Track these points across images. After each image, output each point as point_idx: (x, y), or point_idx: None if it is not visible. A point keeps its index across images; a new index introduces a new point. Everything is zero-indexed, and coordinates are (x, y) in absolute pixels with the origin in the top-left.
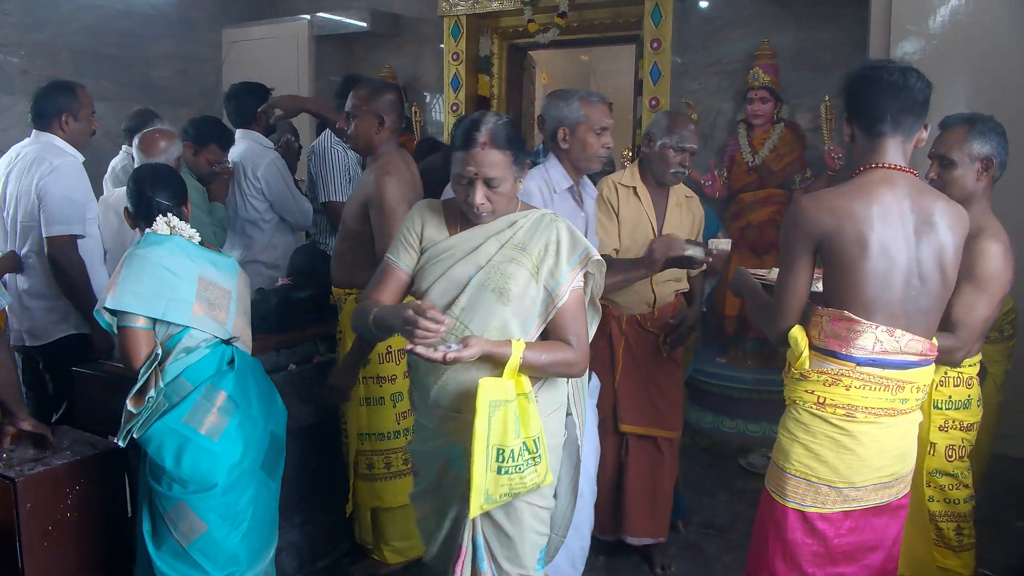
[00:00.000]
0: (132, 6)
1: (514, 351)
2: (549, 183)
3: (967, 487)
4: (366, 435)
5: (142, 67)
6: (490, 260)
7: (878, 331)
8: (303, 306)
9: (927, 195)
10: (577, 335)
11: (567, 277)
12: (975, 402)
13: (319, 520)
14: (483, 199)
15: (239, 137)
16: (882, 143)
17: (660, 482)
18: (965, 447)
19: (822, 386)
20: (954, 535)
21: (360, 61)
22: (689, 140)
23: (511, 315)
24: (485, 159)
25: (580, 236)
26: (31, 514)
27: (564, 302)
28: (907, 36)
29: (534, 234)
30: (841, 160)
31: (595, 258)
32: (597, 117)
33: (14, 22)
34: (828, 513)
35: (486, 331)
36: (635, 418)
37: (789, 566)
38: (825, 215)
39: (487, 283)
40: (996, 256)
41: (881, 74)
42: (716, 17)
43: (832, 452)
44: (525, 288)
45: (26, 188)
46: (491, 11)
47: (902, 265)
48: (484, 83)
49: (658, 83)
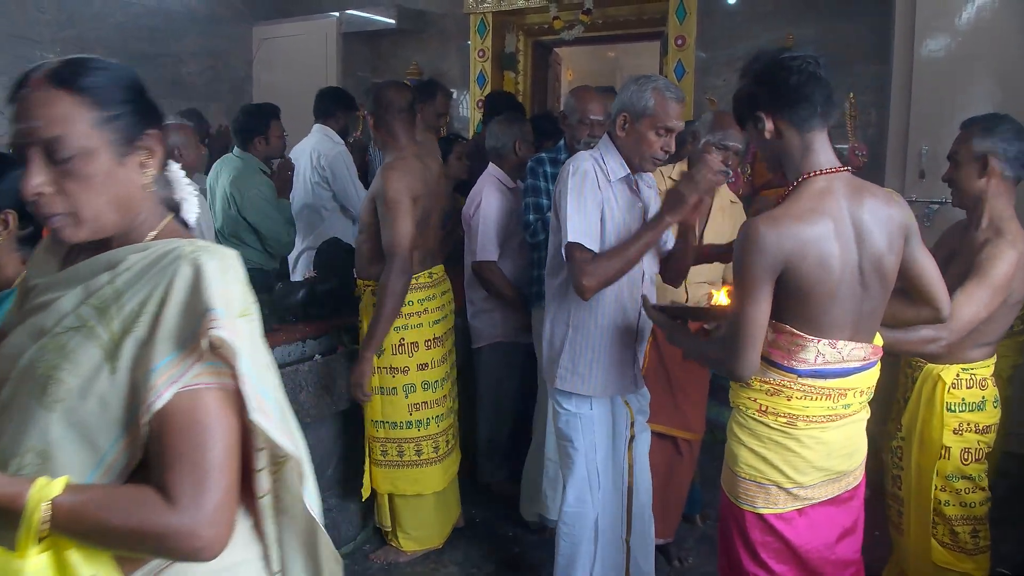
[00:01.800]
0: (163, 3)
1: (31, 499)
2: (604, 169)
3: (983, 490)
4: (380, 423)
5: (172, 64)
6: (58, 324)
7: (820, 345)
8: (326, 298)
9: (858, 194)
10: (192, 476)
11: (165, 367)
12: (990, 403)
13: (342, 507)
14: (39, 183)
15: (314, 130)
16: (815, 138)
17: (675, 483)
18: (982, 449)
19: (764, 395)
20: (970, 538)
21: (387, 58)
22: (733, 139)
23: (61, 429)
24: (35, 105)
25: (215, 293)
26: None
27: (163, 409)
28: (932, 32)
29: (138, 282)
30: (865, 157)
31: (233, 345)
32: (666, 114)
33: (48, 19)
34: (782, 513)
35: (17, 454)
36: (656, 416)
37: (756, 564)
38: (787, 240)
39: (35, 367)
40: (1009, 262)
41: (801, 64)
42: (739, 13)
43: (777, 454)
44: (89, 381)
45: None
46: (517, 8)
47: (848, 277)
48: (509, 79)
49: (682, 79)
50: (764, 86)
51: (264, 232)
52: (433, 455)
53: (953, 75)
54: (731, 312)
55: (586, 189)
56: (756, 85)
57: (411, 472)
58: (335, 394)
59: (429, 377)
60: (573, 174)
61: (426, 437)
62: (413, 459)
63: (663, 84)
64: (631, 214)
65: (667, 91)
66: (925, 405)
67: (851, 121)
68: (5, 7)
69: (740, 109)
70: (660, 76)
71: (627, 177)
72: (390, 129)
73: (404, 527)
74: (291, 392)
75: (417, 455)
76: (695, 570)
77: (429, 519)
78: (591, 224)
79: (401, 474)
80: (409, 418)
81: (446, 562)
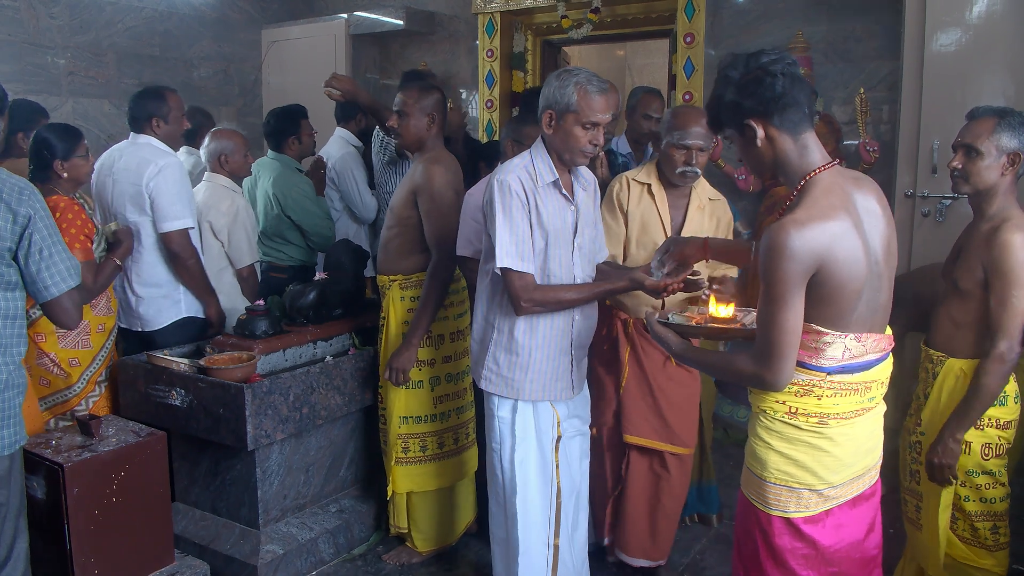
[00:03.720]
0: (173, 8)
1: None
2: (532, 175)
3: (1003, 485)
4: (405, 418)
5: (183, 67)
6: None
7: (847, 340)
8: (338, 300)
9: (858, 186)
10: None
11: None
12: (1012, 399)
13: (355, 508)
14: None
15: (335, 133)
16: (807, 140)
17: (663, 502)
18: (1003, 444)
19: (793, 396)
20: (990, 534)
21: (396, 59)
22: (693, 136)
23: None
24: None
25: None
26: (78, 499)
27: None
28: (943, 27)
29: None
30: (876, 153)
31: None
32: (590, 108)
33: (60, 25)
34: (812, 516)
35: None
36: (640, 429)
37: (781, 571)
38: (817, 242)
39: None
40: (1021, 247)
41: (783, 68)
42: (749, 10)
43: (809, 456)
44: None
45: (134, 187)
46: (525, 7)
47: (866, 269)
48: (518, 79)
49: (691, 78)
50: (750, 94)
51: (308, 228)
52: (453, 446)
53: (964, 70)
54: (760, 321)
55: (512, 206)
56: (741, 94)
57: (432, 466)
58: (347, 395)
59: (453, 369)
60: (498, 190)
61: (448, 429)
62: (435, 452)
63: (584, 77)
64: (561, 218)
65: (589, 84)
66: (947, 400)
67: (862, 117)
68: (17, 13)
69: (721, 116)
70: (582, 69)
71: (556, 182)
72: (429, 130)
73: (420, 526)
74: (303, 393)
75: (439, 448)
76: (711, 570)
77: (445, 516)
78: (522, 243)
79: (423, 470)
80: (434, 411)
81: (460, 563)
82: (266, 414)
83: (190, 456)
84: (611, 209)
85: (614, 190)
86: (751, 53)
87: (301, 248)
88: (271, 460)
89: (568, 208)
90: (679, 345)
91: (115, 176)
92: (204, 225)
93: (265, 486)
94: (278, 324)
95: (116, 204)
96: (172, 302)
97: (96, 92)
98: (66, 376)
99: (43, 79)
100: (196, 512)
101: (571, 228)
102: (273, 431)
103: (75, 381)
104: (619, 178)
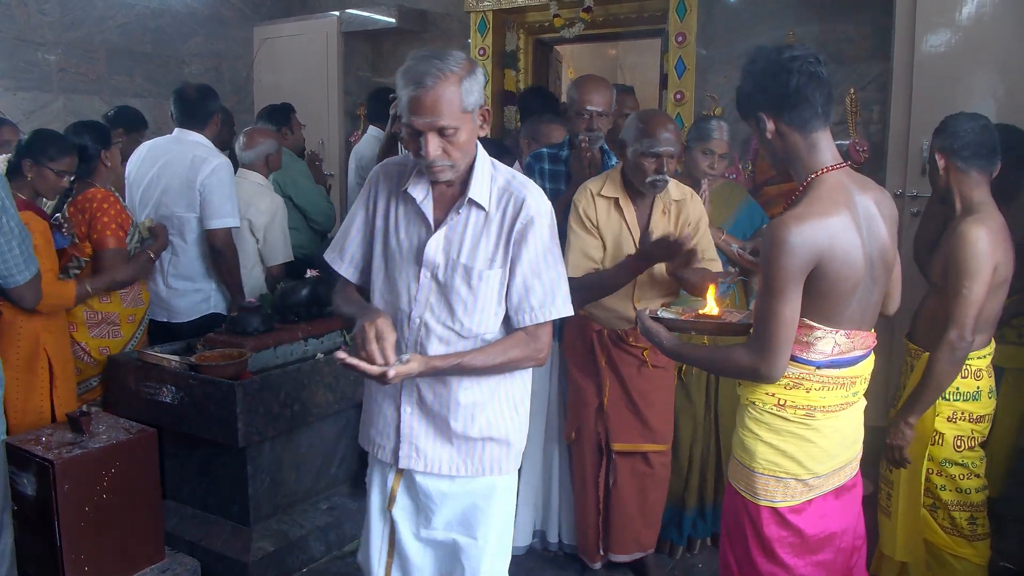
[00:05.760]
0: (165, 5)
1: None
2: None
3: (979, 477)
4: None
5: (175, 64)
6: None
7: (837, 336)
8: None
9: (862, 188)
10: None
11: None
12: (985, 394)
13: (345, 505)
14: None
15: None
16: (818, 139)
17: (649, 496)
18: (976, 438)
19: (783, 389)
20: (967, 524)
21: (387, 57)
22: (664, 143)
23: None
24: None
25: None
26: (68, 495)
27: None
28: (934, 28)
29: None
30: (866, 153)
31: None
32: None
33: (51, 21)
34: (797, 505)
35: None
36: (627, 436)
37: (769, 560)
38: (817, 238)
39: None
40: (976, 240)
41: (801, 65)
42: (740, 10)
43: (797, 447)
44: None
45: (186, 184)
46: (517, 6)
47: (862, 270)
48: (510, 78)
49: (683, 77)
50: (764, 89)
51: (310, 209)
52: None
53: (954, 71)
54: (758, 314)
55: (358, 200)
56: (755, 87)
57: None
58: (338, 393)
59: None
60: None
61: None
62: None
63: (403, 68)
64: (408, 230)
65: (403, 76)
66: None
67: (852, 118)
68: (8, 9)
69: (740, 106)
70: (411, 57)
71: (407, 192)
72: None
73: None
74: (294, 391)
75: None
76: (703, 566)
77: None
78: (346, 236)
79: None
80: None
81: None
82: (257, 411)
83: (181, 453)
84: (580, 223)
85: (580, 206)
86: (777, 47)
87: (306, 235)
88: (262, 457)
89: (420, 219)
90: (670, 340)
91: (160, 170)
92: (243, 222)
93: (256, 483)
94: (270, 321)
95: (164, 198)
96: (203, 297)
97: (87, 89)
98: (96, 364)
99: (34, 75)
100: (187, 509)
101: (421, 237)
102: (264, 428)
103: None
104: (583, 191)
